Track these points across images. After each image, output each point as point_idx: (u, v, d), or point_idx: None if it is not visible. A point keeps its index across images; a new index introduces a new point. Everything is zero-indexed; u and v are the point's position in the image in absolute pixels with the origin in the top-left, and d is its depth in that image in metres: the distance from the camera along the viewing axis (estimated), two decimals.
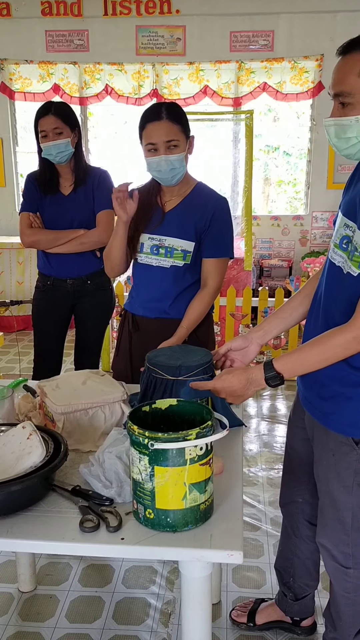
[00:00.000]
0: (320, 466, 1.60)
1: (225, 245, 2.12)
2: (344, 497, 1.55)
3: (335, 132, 1.41)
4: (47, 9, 5.60)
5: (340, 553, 1.60)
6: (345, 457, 1.52)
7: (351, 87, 1.34)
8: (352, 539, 1.57)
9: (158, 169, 2.00)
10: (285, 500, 1.89)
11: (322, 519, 1.63)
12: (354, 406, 1.47)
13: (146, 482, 1.18)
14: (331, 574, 1.67)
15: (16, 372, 4.44)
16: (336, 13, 5.37)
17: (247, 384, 1.48)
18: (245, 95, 5.67)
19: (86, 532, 1.20)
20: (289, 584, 1.93)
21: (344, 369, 1.46)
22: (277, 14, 5.47)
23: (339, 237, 1.49)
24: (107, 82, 5.74)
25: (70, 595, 2.18)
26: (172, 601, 2.15)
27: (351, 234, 1.44)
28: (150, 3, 5.50)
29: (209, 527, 1.22)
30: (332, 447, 1.54)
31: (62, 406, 1.57)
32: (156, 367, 1.60)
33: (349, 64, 1.35)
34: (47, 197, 2.76)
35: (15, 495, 1.23)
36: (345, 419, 1.49)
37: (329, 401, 1.52)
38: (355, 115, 1.36)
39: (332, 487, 1.56)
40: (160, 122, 1.95)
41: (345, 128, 1.39)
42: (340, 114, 1.39)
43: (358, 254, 1.40)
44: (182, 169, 2.02)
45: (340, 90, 1.36)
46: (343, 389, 1.48)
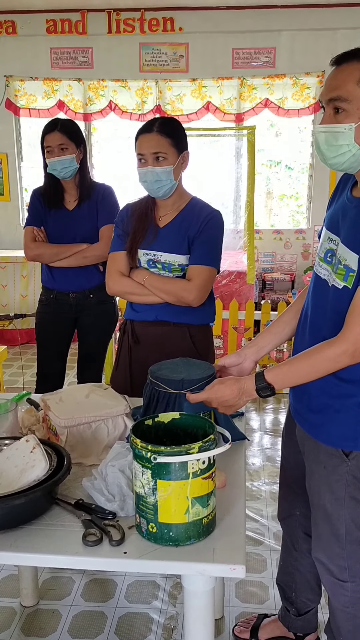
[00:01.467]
0: (312, 479, 1.60)
1: (212, 254, 2.10)
2: (337, 510, 1.55)
3: (325, 139, 1.39)
4: (52, 27, 5.68)
5: (336, 566, 1.59)
6: (336, 469, 1.52)
7: (348, 93, 1.34)
8: (347, 552, 1.57)
9: (144, 180, 2.04)
10: (284, 514, 1.89)
11: (316, 533, 1.63)
12: (343, 418, 1.48)
13: (149, 496, 1.19)
14: (328, 589, 1.66)
15: (19, 385, 4.45)
16: (336, 30, 5.44)
17: (238, 393, 1.48)
18: (247, 111, 5.72)
19: (89, 545, 1.20)
20: (291, 599, 1.92)
21: (332, 381, 1.47)
22: (278, 32, 5.54)
23: (324, 250, 1.51)
24: (111, 98, 5.81)
25: (73, 610, 2.17)
26: (175, 616, 2.14)
27: (335, 247, 1.46)
28: (154, 21, 5.58)
29: (212, 541, 1.22)
30: (322, 460, 1.54)
31: (65, 419, 1.58)
32: (159, 381, 1.61)
33: (346, 71, 1.34)
34: (51, 211, 2.80)
35: (18, 509, 1.24)
36: (335, 431, 1.50)
37: (318, 413, 1.53)
38: (349, 122, 1.35)
39: (324, 500, 1.56)
40: (150, 134, 2.00)
41: (337, 135, 1.37)
42: (333, 121, 1.38)
43: (342, 267, 1.42)
44: (168, 182, 2.04)
45: (337, 95, 1.35)
46: (331, 401, 1.49)
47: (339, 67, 1.36)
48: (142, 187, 2.09)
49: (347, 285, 1.41)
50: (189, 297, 2.06)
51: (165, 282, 2.09)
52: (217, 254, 2.13)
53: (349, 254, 1.40)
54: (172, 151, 2.01)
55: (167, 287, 2.08)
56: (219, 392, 1.49)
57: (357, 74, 1.33)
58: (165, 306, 2.12)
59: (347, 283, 1.41)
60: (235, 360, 1.71)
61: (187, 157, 2.08)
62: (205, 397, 1.50)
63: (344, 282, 1.42)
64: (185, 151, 2.07)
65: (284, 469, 1.86)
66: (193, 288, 2.05)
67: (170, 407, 1.56)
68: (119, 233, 2.19)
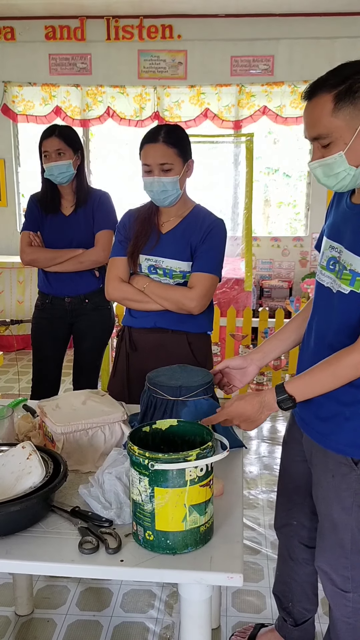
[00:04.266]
0: (320, 488, 1.59)
1: (214, 263, 2.10)
2: (344, 519, 1.53)
3: (323, 172, 1.42)
4: (51, 33, 5.69)
5: (340, 577, 1.58)
6: (344, 477, 1.51)
7: (326, 128, 1.35)
8: (352, 562, 1.56)
9: (151, 189, 2.04)
10: (280, 523, 1.87)
11: (322, 543, 1.62)
12: (353, 426, 1.47)
13: (146, 504, 1.18)
14: (330, 599, 1.64)
15: (15, 391, 4.43)
16: (335, 39, 5.47)
17: (259, 408, 1.46)
18: (245, 118, 5.74)
19: (85, 553, 1.19)
20: (288, 608, 1.91)
21: (343, 388, 1.45)
22: (277, 40, 5.57)
23: (326, 259, 1.52)
24: (109, 104, 5.82)
25: (68, 619, 2.15)
26: (171, 626, 2.12)
27: (337, 255, 1.47)
28: (153, 28, 5.60)
29: (209, 549, 1.21)
30: (331, 468, 1.53)
31: (61, 426, 1.57)
32: (156, 388, 1.60)
33: (318, 106, 1.35)
34: (48, 217, 2.80)
35: (14, 516, 1.22)
36: (344, 438, 1.49)
37: (326, 422, 1.52)
38: (337, 152, 1.36)
39: (332, 509, 1.55)
40: (156, 145, 1.99)
41: (331, 166, 1.39)
42: (323, 154, 1.40)
43: (347, 272, 1.42)
44: (174, 192, 2.04)
45: (317, 133, 1.37)
46: (342, 409, 1.48)
47: (310, 102, 1.38)
48: (147, 195, 2.08)
49: (355, 289, 1.41)
50: (190, 304, 2.05)
51: (166, 290, 2.08)
52: (220, 263, 2.13)
53: (354, 259, 1.41)
54: (178, 161, 2.01)
55: (168, 294, 2.07)
56: (240, 407, 1.47)
57: (328, 106, 1.34)
58: (163, 313, 2.11)
59: (354, 288, 1.41)
60: (240, 363, 1.71)
61: (191, 166, 2.08)
62: (225, 416, 1.48)
63: (350, 287, 1.42)
64: (190, 159, 2.07)
65: (282, 478, 1.84)
66: (195, 296, 2.04)
67: (168, 414, 1.55)
68: (120, 239, 2.18)
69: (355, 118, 1.33)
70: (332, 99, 1.33)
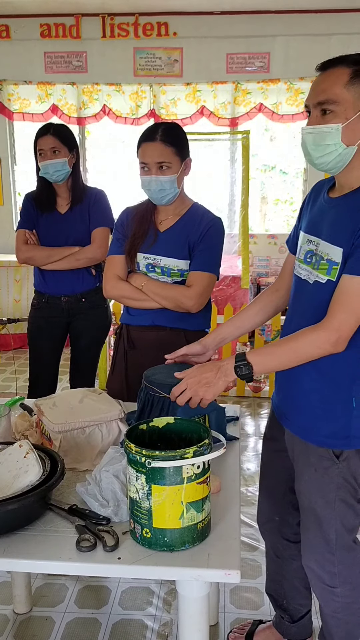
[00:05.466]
0: (302, 482, 1.61)
1: (212, 261, 2.10)
2: (327, 514, 1.55)
3: (313, 139, 1.44)
4: (46, 31, 5.68)
5: (327, 573, 1.59)
6: (327, 471, 1.53)
7: (337, 95, 1.39)
8: (338, 558, 1.57)
9: (149, 188, 2.04)
10: (263, 519, 1.89)
11: (306, 538, 1.63)
12: (332, 418, 1.50)
13: (143, 501, 1.18)
14: (319, 596, 1.66)
15: (12, 390, 4.42)
16: (331, 36, 5.46)
17: (217, 372, 1.47)
18: (241, 115, 5.73)
19: (83, 551, 1.19)
20: (283, 606, 1.92)
21: (321, 381, 1.49)
22: (273, 37, 5.56)
23: (303, 252, 1.57)
24: (105, 102, 5.80)
25: (66, 617, 2.15)
26: (169, 623, 2.12)
27: (314, 247, 1.52)
28: (148, 26, 5.59)
29: (206, 546, 1.21)
30: (313, 462, 1.55)
31: (59, 424, 1.57)
32: (153, 386, 1.60)
33: (334, 75, 1.40)
34: (43, 215, 2.79)
35: (11, 514, 1.23)
36: (324, 431, 1.51)
37: (306, 415, 1.55)
38: (336, 123, 1.40)
39: (315, 504, 1.57)
40: (153, 143, 1.99)
41: (325, 135, 1.42)
42: (320, 122, 1.43)
43: (324, 262, 1.47)
44: (172, 190, 2.04)
45: (326, 97, 1.40)
46: (321, 402, 1.51)
47: (326, 71, 1.42)
48: (145, 193, 2.08)
49: (331, 278, 1.46)
50: (188, 303, 2.05)
51: (164, 288, 2.08)
52: (218, 261, 2.13)
53: (331, 249, 1.45)
54: (175, 160, 2.00)
55: (167, 292, 2.07)
56: (198, 372, 1.49)
57: (344, 77, 1.39)
58: (161, 311, 2.11)
59: (330, 276, 1.46)
60: (199, 349, 1.75)
61: (189, 164, 2.08)
62: (184, 384, 1.48)
63: (327, 276, 1.47)
64: (188, 158, 2.07)
65: (263, 474, 1.86)
66: (193, 294, 2.04)
67: (165, 412, 1.55)
68: (118, 237, 2.18)
69: None
70: (350, 72, 1.39)
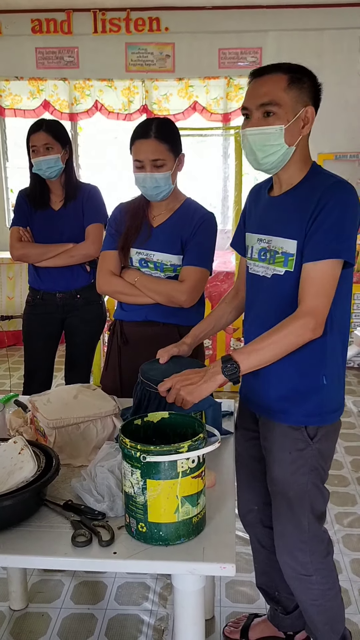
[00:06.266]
0: (276, 468, 1.64)
1: (205, 256, 2.10)
2: (300, 498, 1.60)
3: (259, 140, 1.51)
4: (37, 27, 5.65)
5: (299, 562, 1.64)
6: (301, 453, 1.59)
7: (279, 98, 1.48)
8: (309, 547, 1.63)
9: (143, 185, 2.03)
10: (244, 511, 1.91)
11: (280, 527, 1.67)
12: (304, 397, 1.57)
13: (138, 496, 1.18)
14: (295, 586, 1.69)
15: (7, 387, 4.42)
16: (323, 31, 5.45)
17: (203, 374, 1.48)
18: (234, 111, 5.72)
19: (79, 546, 1.19)
20: (275, 598, 1.94)
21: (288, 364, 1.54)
22: (265, 32, 5.55)
23: (256, 251, 1.65)
24: (97, 98, 5.78)
25: (63, 612, 2.15)
26: (165, 617, 2.13)
27: (266, 245, 1.61)
28: (140, 21, 5.57)
29: (202, 540, 1.22)
30: (288, 446, 1.60)
31: (53, 420, 1.57)
32: (150, 381, 1.60)
33: (272, 80, 1.49)
34: (37, 212, 2.79)
35: (6, 510, 1.23)
36: (301, 410, 1.58)
37: (283, 400, 1.60)
38: (279, 124, 1.49)
39: (287, 488, 1.61)
40: (147, 140, 1.98)
41: (269, 137, 1.50)
42: (263, 124, 1.49)
43: (279, 255, 1.55)
44: (167, 187, 2.04)
45: (269, 99, 1.48)
46: (295, 384, 1.58)
47: (262, 77, 1.52)
48: (139, 190, 2.08)
49: (289, 269, 1.54)
50: (181, 298, 2.05)
51: (157, 283, 2.08)
52: (210, 256, 2.13)
53: (285, 242, 1.54)
54: (170, 156, 2.00)
55: (159, 287, 2.07)
56: (185, 373, 1.51)
57: (283, 82, 1.48)
58: (154, 306, 2.11)
59: (288, 267, 1.54)
60: (187, 350, 1.80)
61: (182, 159, 2.07)
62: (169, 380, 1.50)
63: (284, 268, 1.55)
64: (182, 154, 2.06)
65: (239, 465, 1.88)
66: (185, 289, 2.05)
67: (162, 407, 1.55)
68: (111, 232, 2.18)
69: (298, 103, 1.49)
70: (287, 78, 1.49)
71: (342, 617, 1.76)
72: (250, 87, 1.54)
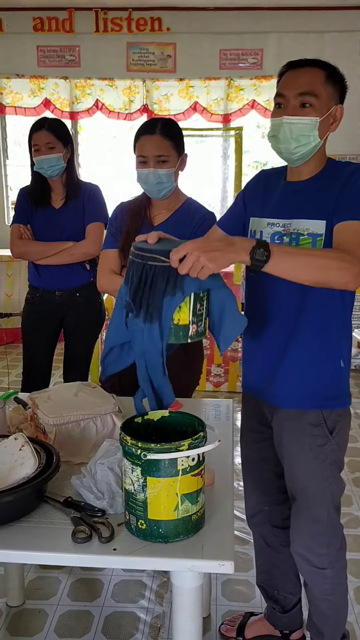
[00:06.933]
0: (296, 464, 1.65)
1: None
2: (320, 493, 1.62)
3: (292, 130, 1.52)
4: (39, 25, 5.65)
5: (315, 555, 1.65)
6: (321, 449, 1.60)
7: (318, 90, 1.51)
8: (327, 538, 1.64)
9: (146, 181, 2.04)
10: (253, 511, 1.92)
11: (297, 522, 1.67)
12: (322, 381, 1.60)
13: (138, 493, 1.19)
14: (308, 579, 1.70)
15: (5, 385, 4.42)
16: (324, 33, 5.47)
17: (227, 243, 1.32)
18: (234, 112, 5.74)
19: (78, 543, 1.20)
20: (274, 597, 1.95)
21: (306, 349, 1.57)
22: (266, 33, 5.57)
23: (267, 236, 1.61)
24: (97, 97, 5.79)
25: (59, 609, 2.16)
26: (162, 615, 2.14)
27: (281, 229, 1.58)
28: (142, 21, 5.58)
29: (201, 537, 1.23)
30: (307, 442, 1.61)
31: (53, 418, 1.58)
32: (154, 253, 1.32)
33: (311, 73, 1.52)
34: (38, 210, 2.80)
35: (7, 506, 1.24)
36: (317, 395, 1.60)
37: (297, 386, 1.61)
38: (314, 116, 1.51)
39: (309, 484, 1.63)
40: (152, 136, 2.00)
41: (303, 127, 1.51)
42: (299, 114, 1.51)
43: (305, 237, 1.53)
44: (169, 184, 2.05)
45: (309, 89, 1.50)
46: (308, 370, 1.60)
47: (302, 69, 1.52)
48: (141, 187, 2.09)
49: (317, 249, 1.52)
50: None
51: None
52: None
53: (312, 223, 1.53)
54: (173, 154, 2.02)
55: None
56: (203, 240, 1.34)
57: (322, 76, 1.52)
58: None
59: (317, 247, 1.52)
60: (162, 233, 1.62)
61: (185, 159, 2.09)
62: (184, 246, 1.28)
63: None
64: (184, 153, 2.08)
65: (247, 468, 1.91)
66: None
67: (172, 284, 1.29)
68: (112, 231, 2.19)
69: (331, 100, 1.53)
70: (324, 73, 1.52)
71: (346, 614, 1.79)
72: (286, 77, 1.55)
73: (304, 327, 1.58)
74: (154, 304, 1.30)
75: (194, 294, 1.31)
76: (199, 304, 1.32)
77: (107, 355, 1.48)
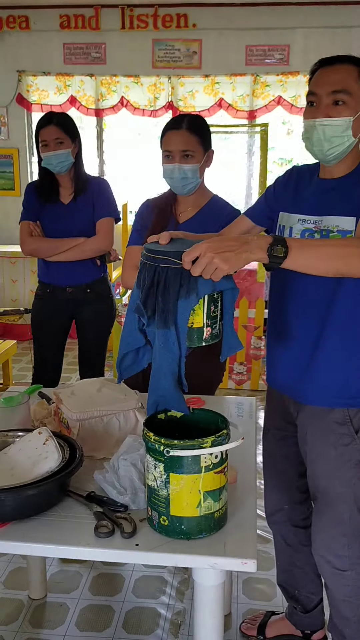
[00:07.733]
0: (321, 463, 1.63)
1: None
2: (344, 493, 1.59)
3: (328, 131, 1.50)
4: (66, 22, 5.67)
5: (336, 557, 1.63)
6: (346, 448, 1.57)
7: (351, 87, 1.47)
8: (349, 539, 1.61)
9: (171, 176, 2.04)
10: (273, 509, 1.91)
11: (319, 522, 1.66)
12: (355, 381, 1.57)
13: (161, 489, 1.19)
14: (329, 580, 1.68)
15: (28, 380, 4.46)
16: (351, 28, 5.40)
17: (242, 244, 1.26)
18: (260, 108, 5.70)
19: (101, 537, 1.21)
20: (295, 596, 1.93)
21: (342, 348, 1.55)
22: (292, 29, 5.51)
23: (297, 232, 1.59)
24: (123, 94, 5.80)
25: (81, 603, 2.18)
26: (182, 612, 2.14)
27: (312, 225, 1.57)
28: (167, 17, 5.56)
29: (223, 535, 1.22)
30: (332, 442, 1.59)
31: (77, 413, 1.59)
32: (168, 256, 1.29)
33: (344, 69, 1.48)
34: (46, 206, 2.78)
35: (31, 500, 1.25)
36: (348, 392, 1.57)
37: (331, 386, 1.59)
38: (348, 115, 1.48)
39: (332, 483, 1.61)
40: (179, 131, 2.00)
41: (337, 128, 1.49)
42: (329, 114, 1.49)
43: (335, 234, 1.52)
44: (194, 180, 2.04)
45: (342, 87, 1.47)
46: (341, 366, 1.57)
47: (334, 65, 1.49)
48: (166, 182, 2.09)
49: None
50: None
51: None
52: None
53: (341, 220, 1.52)
54: (199, 149, 2.02)
55: None
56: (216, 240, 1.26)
57: (356, 73, 1.48)
58: None
59: None
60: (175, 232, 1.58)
61: (211, 156, 2.09)
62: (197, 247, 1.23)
63: None
64: (211, 150, 2.08)
65: (268, 466, 1.89)
66: None
67: (185, 286, 1.26)
68: (137, 227, 2.19)
69: None
70: (357, 70, 1.48)
71: None
72: (319, 74, 1.53)
73: (336, 322, 1.56)
74: (167, 308, 1.26)
75: (207, 295, 1.27)
76: (212, 305, 1.30)
77: (122, 361, 1.46)
